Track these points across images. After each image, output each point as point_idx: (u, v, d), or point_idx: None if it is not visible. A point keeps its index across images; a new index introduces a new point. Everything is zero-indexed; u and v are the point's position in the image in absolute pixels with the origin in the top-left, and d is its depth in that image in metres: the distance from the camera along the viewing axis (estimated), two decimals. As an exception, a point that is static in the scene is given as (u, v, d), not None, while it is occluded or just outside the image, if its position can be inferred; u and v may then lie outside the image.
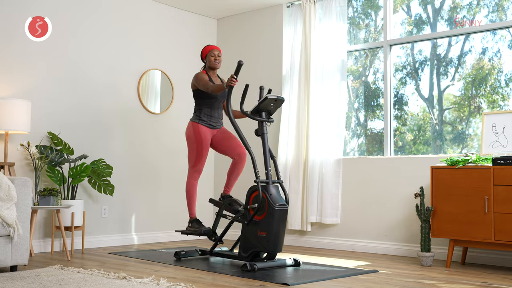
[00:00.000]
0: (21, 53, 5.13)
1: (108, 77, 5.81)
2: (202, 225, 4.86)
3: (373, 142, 5.83)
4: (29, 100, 4.89)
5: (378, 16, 5.90)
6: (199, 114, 4.86)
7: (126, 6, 6.00)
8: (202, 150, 4.83)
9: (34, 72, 5.22)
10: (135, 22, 6.08)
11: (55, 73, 5.38)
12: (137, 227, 5.99)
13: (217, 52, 4.89)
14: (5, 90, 4.99)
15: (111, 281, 3.56)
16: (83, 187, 5.49)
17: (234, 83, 4.41)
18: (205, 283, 3.63)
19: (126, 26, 5.99)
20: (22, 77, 5.13)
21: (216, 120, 4.92)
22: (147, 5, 6.20)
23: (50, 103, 5.32)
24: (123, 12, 5.97)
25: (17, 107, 4.67)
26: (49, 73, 5.33)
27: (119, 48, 5.92)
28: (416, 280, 3.85)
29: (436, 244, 4.99)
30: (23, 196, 4.09)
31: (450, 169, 4.50)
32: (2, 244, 3.91)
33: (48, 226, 5.21)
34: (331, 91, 5.77)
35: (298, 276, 3.95)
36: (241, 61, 4.38)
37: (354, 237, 5.58)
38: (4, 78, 5.00)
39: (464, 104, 5.31)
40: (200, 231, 4.79)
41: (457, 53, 5.36)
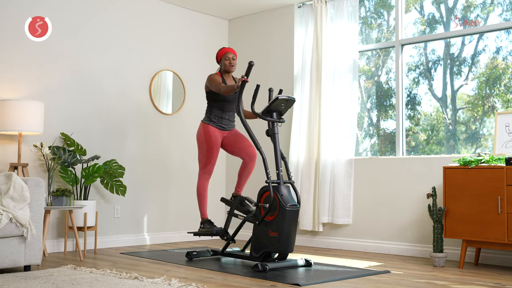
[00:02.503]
0: (34, 55, 5.17)
1: (120, 78, 5.84)
2: (214, 225, 4.87)
3: (386, 142, 5.80)
4: (42, 101, 4.93)
5: (391, 15, 5.87)
6: (210, 116, 4.87)
7: (138, 7, 6.03)
8: (213, 152, 4.83)
9: (47, 73, 5.26)
10: (146, 23, 6.10)
11: (68, 74, 5.42)
12: (149, 228, 6.01)
13: (232, 55, 4.86)
14: (18, 92, 5.04)
15: (123, 281, 3.58)
16: (95, 187, 5.53)
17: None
18: (216, 283, 3.64)
19: (138, 27, 6.02)
20: (35, 78, 5.17)
21: (227, 122, 4.92)
22: (159, 6, 6.22)
23: (63, 104, 5.36)
24: (135, 13, 6.00)
25: (30, 108, 4.71)
26: (62, 74, 5.38)
27: (132, 49, 5.95)
28: (428, 281, 3.82)
29: (448, 245, 4.95)
30: (36, 196, 4.13)
31: (462, 169, 4.46)
32: (15, 244, 3.95)
33: (61, 227, 5.25)
34: (342, 91, 5.75)
35: (309, 276, 3.94)
36: (251, 62, 4.38)
37: (366, 238, 5.56)
38: (17, 80, 5.04)
39: (478, 104, 5.26)
40: (212, 231, 4.79)
41: (471, 52, 5.32)
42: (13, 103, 4.65)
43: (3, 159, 4.91)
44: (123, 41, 5.88)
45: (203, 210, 4.92)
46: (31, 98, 5.08)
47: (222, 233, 4.79)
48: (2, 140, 4.92)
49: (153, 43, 6.16)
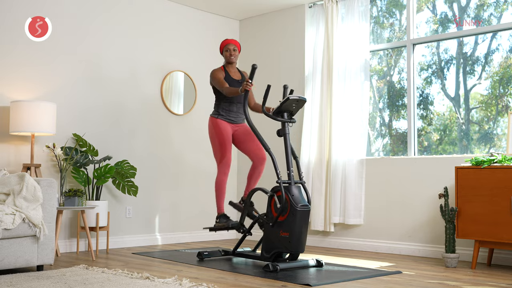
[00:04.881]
0: (46, 56, 5.21)
1: (131, 79, 5.87)
2: (229, 219, 4.88)
3: (398, 142, 5.76)
4: (54, 102, 4.97)
5: (403, 15, 5.83)
6: (218, 109, 4.93)
7: (149, 8, 6.06)
8: (225, 143, 4.85)
9: (59, 74, 5.30)
10: (157, 24, 6.13)
11: (80, 75, 5.45)
12: (161, 228, 6.03)
13: (233, 46, 4.94)
14: (31, 93, 5.08)
15: (134, 281, 3.60)
16: (107, 188, 5.56)
17: (249, 87, 4.49)
18: (227, 284, 3.64)
19: (149, 28, 6.04)
20: (47, 79, 5.22)
21: (235, 114, 4.95)
22: (170, 7, 6.24)
23: (75, 105, 5.40)
24: (145, 14, 6.02)
25: (43, 109, 4.75)
26: (74, 75, 5.41)
27: (142, 50, 5.97)
28: (440, 282, 3.79)
29: (461, 245, 4.91)
30: (48, 197, 4.16)
31: (475, 169, 4.43)
32: (28, 244, 3.99)
33: (73, 227, 5.28)
34: (354, 91, 5.73)
35: (320, 277, 3.93)
36: (255, 65, 4.44)
37: (377, 238, 5.53)
38: (29, 81, 5.09)
39: (491, 103, 5.22)
40: (228, 225, 4.80)
41: (484, 51, 5.27)
42: (25, 104, 4.69)
43: (16, 160, 4.95)
44: (135, 42, 5.91)
45: (220, 205, 4.93)
46: (43, 99, 5.12)
47: (238, 226, 4.79)
48: (15, 141, 4.96)
49: (165, 44, 6.18)
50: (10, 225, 3.82)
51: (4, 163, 4.87)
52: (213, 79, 4.87)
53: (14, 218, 3.86)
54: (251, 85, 4.49)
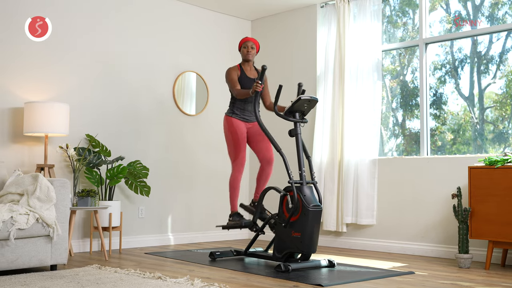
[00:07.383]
0: (60, 57, 5.25)
1: (144, 79, 5.89)
2: (242, 217, 4.89)
3: (412, 142, 5.73)
4: (67, 103, 5.01)
5: (416, 14, 5.79)
6: (233, 108, 4.95)
7: (161, 8, 6.08)
8: (239, 141, 4.87)
9: (72, 75, 5.34)
10: (169, 25, 6.15)
11: (93, 76, 5.49)
12: (173, 228, 6.05)
13: (251, 44, 4.96)
14: (44, 94, 5.13)
15: (146, 281, 3.61)
16: (120, 188, 5.59)
17: (259, 88, 4.51)
18: (239, 284, 3.64)
19: (161, 29, 6.07)
20: (61, 80, 5.26)
21: (250, 113, 4.96)
22: (181, 8, 6.26)
23: (88, 106, 5.44)
24: (158, 15, 6.05)
25: (56, 110, 4.79)
26: (87, 76, 5.45)
27: (155, 51, 6.00)
28: (453, 282, 3.76)
29: (474, 246, 4.87)
30: (62, 197, 4.19)
31: (488, 169, 4.39)
32: (42, 244, 4.02)
33: (86, 227, 5.32)
34: (366, 91, 5.71)
35: (332, 277, 3.92)
36: (264, 66, 4.45)
37: (390, 238, 5.50)
38: (43, 82, 5.13)
39: (506, 103, 5.16)
40: (241, 223, 4.82)
41: (499, 50, 5.22)
42: (39, 105, 4.73)
43: (30, 160, 5.00)
44: (146, 43, 5.93)
45: (234, 203, 4.95)
46: (57, 100, 5.16)
47: (251, 225, 4.80)
48: (28, 141, 5.01)
49: (177, 44, 6.20)
50: (24, 225, 3.85)
51: (18, 164, 4.91)
52: (228, 79, 4.91)
53: (28, 218, 3.89)
54: (261, 86, 4.50)
